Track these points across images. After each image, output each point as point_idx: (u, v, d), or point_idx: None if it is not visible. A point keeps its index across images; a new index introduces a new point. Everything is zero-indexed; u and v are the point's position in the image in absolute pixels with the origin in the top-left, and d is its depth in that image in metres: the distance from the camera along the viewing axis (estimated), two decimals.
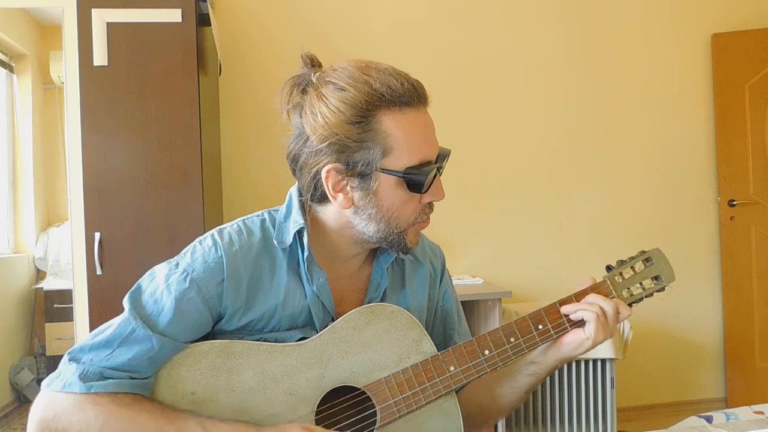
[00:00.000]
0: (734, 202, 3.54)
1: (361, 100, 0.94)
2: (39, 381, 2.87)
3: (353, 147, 0.95)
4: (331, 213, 1.04)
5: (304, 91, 1.01)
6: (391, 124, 0.95)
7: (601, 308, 1.06)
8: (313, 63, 1.02)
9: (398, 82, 0.96)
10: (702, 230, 3.61)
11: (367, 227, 1.01)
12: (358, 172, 0.96)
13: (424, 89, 1.00)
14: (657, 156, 3.56)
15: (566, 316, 1.08)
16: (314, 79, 1.00)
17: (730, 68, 3.54)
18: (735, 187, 3.55)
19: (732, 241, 3.56)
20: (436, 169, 1.00)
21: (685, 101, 3.59)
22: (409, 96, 0.96)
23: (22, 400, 2.86)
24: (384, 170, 0.96)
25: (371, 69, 0.97)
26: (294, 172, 1.04)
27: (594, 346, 1.06)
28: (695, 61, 3.59)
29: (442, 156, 1.02)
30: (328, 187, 0.99)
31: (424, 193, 0.99)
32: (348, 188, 0.99)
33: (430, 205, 1.04)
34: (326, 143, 0.95)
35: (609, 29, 3.50)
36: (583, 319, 1.06)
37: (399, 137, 0.96)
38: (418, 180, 0.97)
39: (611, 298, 1.09)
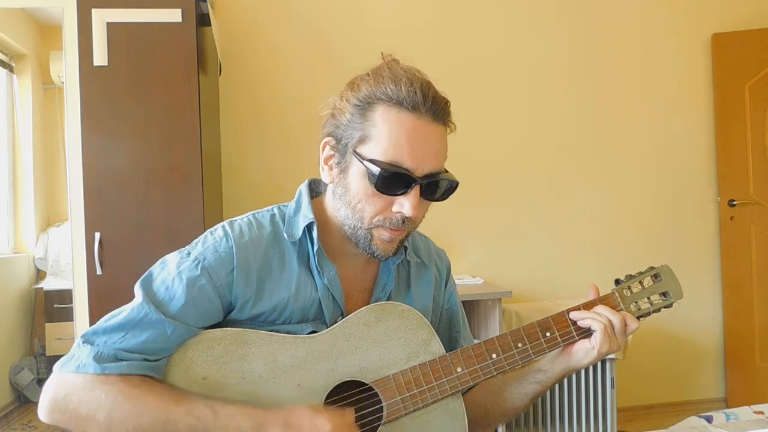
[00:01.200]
0: (734, 202, 3.54)
1: (369, 89, 1.00)
2: (39, 381, 2.88)
3: (345, 126, 1.01)
4: (329, 200, 1.08)
5: None
6: (381, 117, 0.98)
7: (609, 320, 1.08)
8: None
9: (408, 84, 0.98)
10: (702, 230, 3.61)
11: (339, 211, 1.04)
12: (339, 148, 1.02)
13: (438, 104, 0.99)
14: (657, 156, 3.57)
15: (574, 323, 1.10)
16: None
17: (730, 68, 3.55)
18: (735, 187, 3.56)
19: (732, 241, 3.57)
20: (408, 178, 0.97)
21: (685, 101, 3.60)
22: (411, 100, 0.97)
23: (22, 400, 2.85)
24: (354, 153, 1.00)
25: (396, 68, 1.01)
26: None
27: (600, 357, 1.08)
28: (695, 61, 3.60)
29: (435, 177, 1.00)
30: (321, 158, 1.06)
31: (382, 192, 0.98)
32: (333, 162, 1.04)
33: (404, 219, 1.00)
34: (332, 117, 1.04)
35: (609, 29, 3.51)
36: (590, 329, 1.09)
37: (381, 130, 0.98)
38: (374, 174, 0.97)
39: (619, 310, 1.11)
